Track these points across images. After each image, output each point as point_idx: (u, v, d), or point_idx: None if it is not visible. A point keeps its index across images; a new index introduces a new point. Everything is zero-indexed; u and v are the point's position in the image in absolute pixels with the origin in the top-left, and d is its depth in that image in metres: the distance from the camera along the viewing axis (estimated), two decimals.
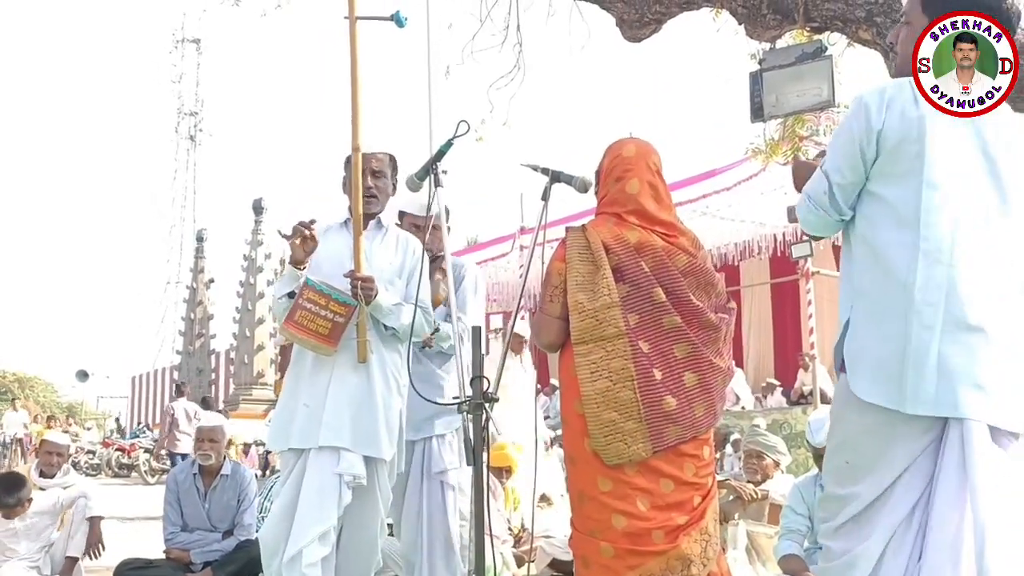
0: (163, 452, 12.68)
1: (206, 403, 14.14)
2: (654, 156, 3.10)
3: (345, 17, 3.54)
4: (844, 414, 2.30)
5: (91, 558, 5.33)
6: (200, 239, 33.69)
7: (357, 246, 3.45)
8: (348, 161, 3.66)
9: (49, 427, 17.27)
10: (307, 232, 3.41)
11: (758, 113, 6.30)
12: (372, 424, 3.46)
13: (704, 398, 2.91)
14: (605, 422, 2.84)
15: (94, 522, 5.32)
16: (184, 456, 11.87)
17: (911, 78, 2.33)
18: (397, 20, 3.50)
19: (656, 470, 2.85)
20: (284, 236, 3.46)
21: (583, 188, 3.16)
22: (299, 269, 3.43)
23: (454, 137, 3.19)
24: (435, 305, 3.85)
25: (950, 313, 2.16)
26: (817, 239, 2.66)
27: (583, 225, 3.04)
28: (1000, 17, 2.38)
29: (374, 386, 3.49)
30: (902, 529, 2.17)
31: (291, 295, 3.43)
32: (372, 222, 3.65)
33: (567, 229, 3.05)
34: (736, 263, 13.10)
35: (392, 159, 3.72)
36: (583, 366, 2.89)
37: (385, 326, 3.51)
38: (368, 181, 3.61)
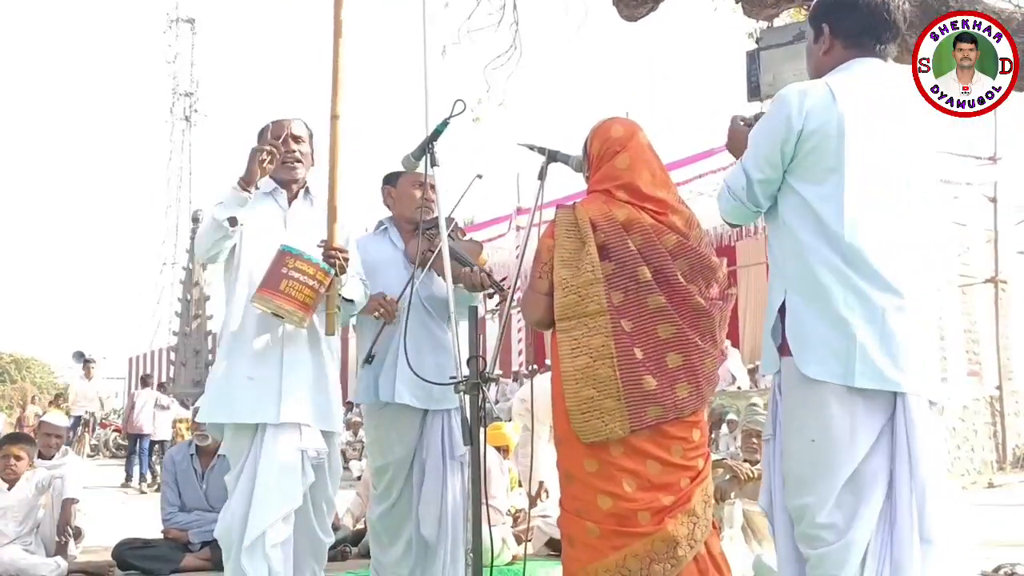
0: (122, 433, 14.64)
1: (163, 388, 15.56)
2: (642, 132, 3.08)
3: None
4: (800, 396, 2.35)
5: (62, 540, 5.34)
6: (196, 220, 33.56)
7: (332, 218, 3.35)
8: (264, 132, 3.55)
9: (58, 406, 17.22)
10: (278, 153, 3.27)
11: (755, 92, 6.27)
12: (327, 398, 3.42)
13: (689, 379, 2.87)
14: (583, 399, 2.82)
15: (66, 504, 5.35)
16: (140, 436, 13.71)
17: (828, 78, 2.40)
18: None
19: (642, 451, 2.83)
20: (253, 150, 3.25)
21: (580, 168, 3.15)
22: (247, 192, 3.26)
23: (450, 117, 3.18)
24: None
25: (885, 296, 2.28)
26: (735, 227, 2.77)
27: (573, 203, 3.01)
28: (885, 20, 2.44)
29: (324, 359, 3.45)
30: (880, 511, 2.29)
31: (231, 221, 3.27)
32: (301, 191, 3.56)
33: (558, 207, 3.03)
34: (732, 243, 13.12)
35: (307, 127, 3.58)
36: (564, 342, 2.87)
37: (343, 298, 3.44)
38: (291, 145, 3.51)
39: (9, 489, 5.19)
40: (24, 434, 5.67)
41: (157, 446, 14.00)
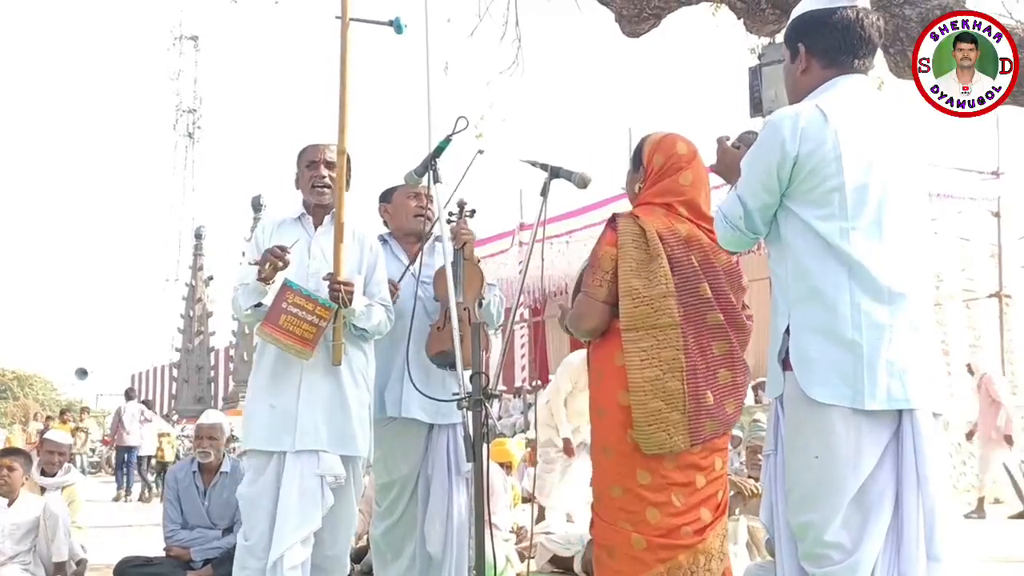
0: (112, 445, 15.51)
1: (148, 405, 16.58)
2: (699, 152, 3.14)
3: (337, 17, 3.42)
4: (803, 413, 2.33)
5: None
6: (199, 236, 33.71)
7: (338, 251, 3.40)
8: (300, 156, 3.64)
9: (64, 422, 17.30)
10: (281, 263, 3.34)
11: (757, 108, 6.29)
12: (346, 423, 3.45)
13: (735, 396, 2.96)
14: (651, 411, 2.85)
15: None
16: (130, 449, 14.61)
17: (816, 100, 2.38)
18: (396, 26, 3.37)
19: (692, 464, 2.90)
20: (254, 263, 3.37)
21: (582, 184, 3.15)
22: (266, 285, 3.37)
23: (453, 133, 3.18)
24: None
25: (891, 313, 2.27)
26: (734, 254, 2.83)
27: (632, 214, 3.03)
28: (860, 35, 2.42)
29: (344, 386, 3.47)
30: (887, 529, 2.27)
31: (257, 305, 3.41)
32: (327, 217, 3.59)
33: (615, 215, 3.04)
34: (736, 258, 13.10)
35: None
36: (633, 353, 2.89)
37: (355, 327, 3.48)
38: (321, 171, 3.56)
39: (9, 505, 5.18)
40: (16, 448, 5.69)
41: (145, 460, 14.91)
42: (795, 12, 2.53)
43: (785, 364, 2.37)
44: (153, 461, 15.48)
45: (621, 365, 2.90)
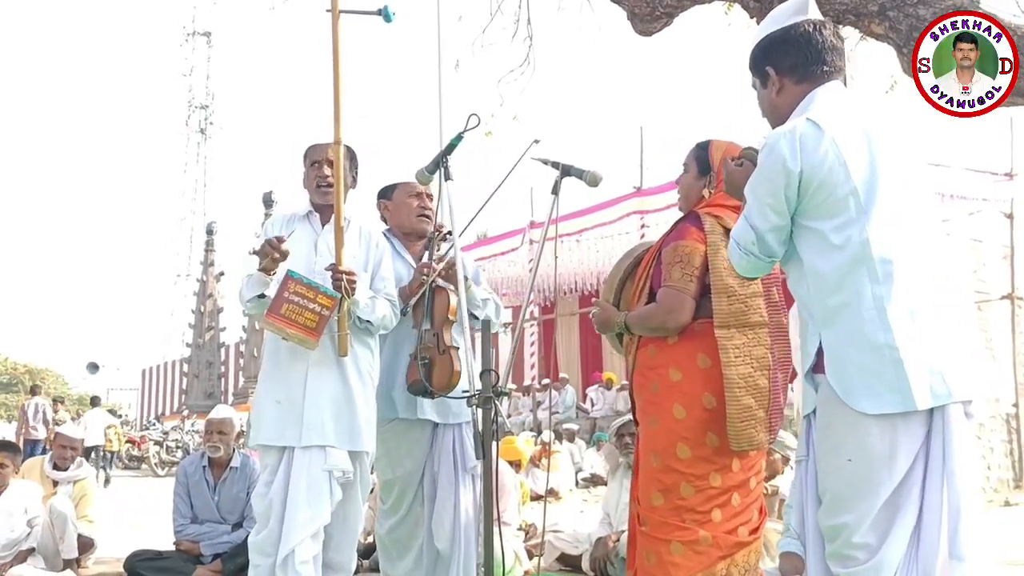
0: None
1: (95, 401, 17.50)
2: None
3: (328, 11, 3.44)
4: (835, 413, 2.31)
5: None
6: (210, 232, 33.79)
7: (339, 241, 3.43)
8: (305, 155, 3.68)
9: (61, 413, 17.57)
10: (277, 253, 3.37)
11: None
12: (353, 419, 3.48)
13: (784, 396, 3.05)
14: (744, 407, 2.91)
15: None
16: (35, 442, 14.90)
17: (806, 114, 2.36)
18: (385, 15, 3.36)
19: (750, 465, 3.01)
20: (254, 252, 3.41)
21: (593, 182, 3.15)
22: (269, 277, 3.41)
23: (464, 130, 3.18)
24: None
25: (919, 309, 2.25)
26: (751, 280, 2.83)
27: (712, 213, 3.05)
28: (821, 44, 2.43)
29: (350, 381, 3.50)
30: (914, 526, 2.24)
31: (260, 296, 3.43)
32: (334, 215, 3.60)
33: (698, 213, 3.06)
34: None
35: (349, 151, 3.64)
36: (728, 350, 2.93)
37: (360, 319, 3.51)
38: (324, 170, 3.58)
39: None
40: (9, 442, 5.78)
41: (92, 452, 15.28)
42: (752, 44, 2.55)
43: (815, 368, 2.36)
44: (103, 451, 15.98)
45: (706, 367, 2.96)
